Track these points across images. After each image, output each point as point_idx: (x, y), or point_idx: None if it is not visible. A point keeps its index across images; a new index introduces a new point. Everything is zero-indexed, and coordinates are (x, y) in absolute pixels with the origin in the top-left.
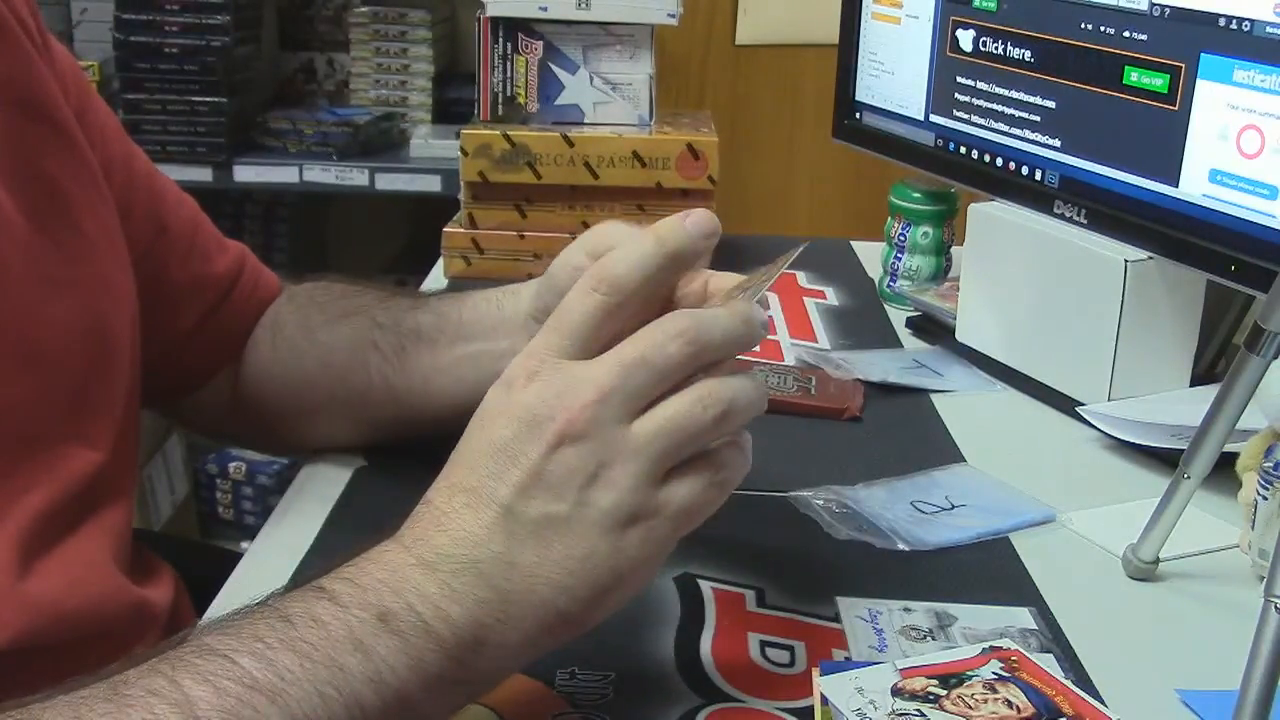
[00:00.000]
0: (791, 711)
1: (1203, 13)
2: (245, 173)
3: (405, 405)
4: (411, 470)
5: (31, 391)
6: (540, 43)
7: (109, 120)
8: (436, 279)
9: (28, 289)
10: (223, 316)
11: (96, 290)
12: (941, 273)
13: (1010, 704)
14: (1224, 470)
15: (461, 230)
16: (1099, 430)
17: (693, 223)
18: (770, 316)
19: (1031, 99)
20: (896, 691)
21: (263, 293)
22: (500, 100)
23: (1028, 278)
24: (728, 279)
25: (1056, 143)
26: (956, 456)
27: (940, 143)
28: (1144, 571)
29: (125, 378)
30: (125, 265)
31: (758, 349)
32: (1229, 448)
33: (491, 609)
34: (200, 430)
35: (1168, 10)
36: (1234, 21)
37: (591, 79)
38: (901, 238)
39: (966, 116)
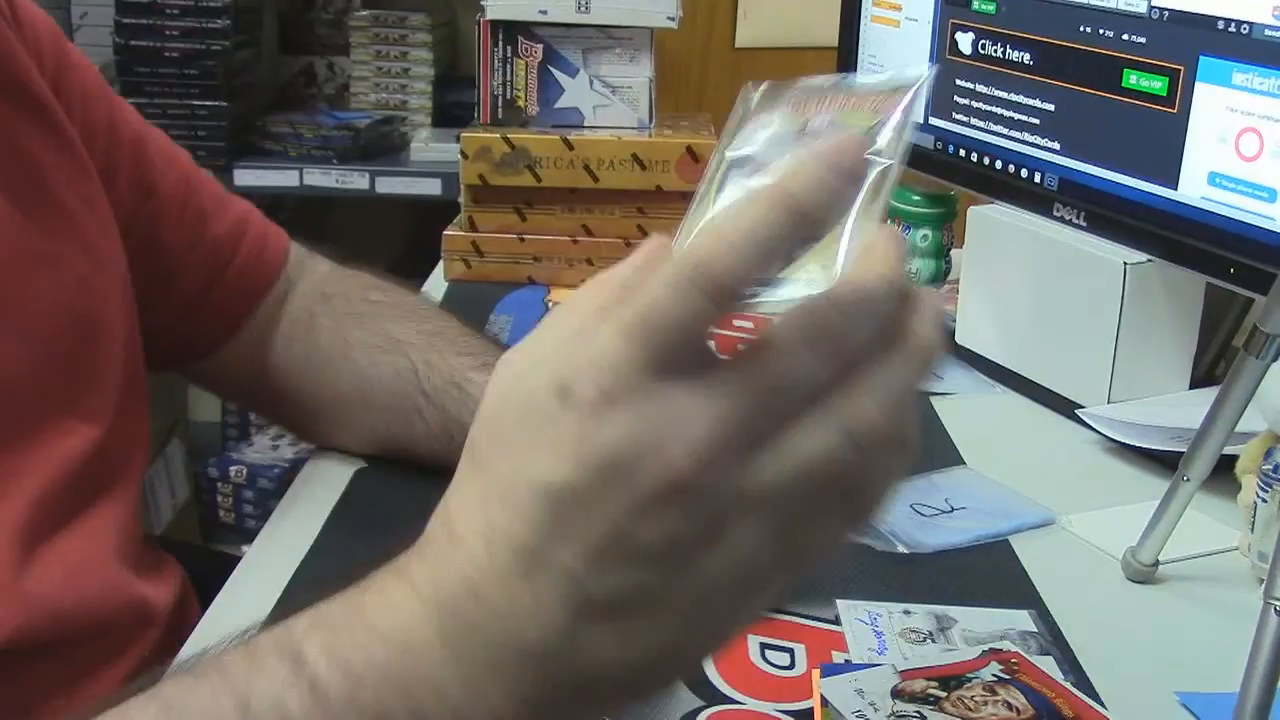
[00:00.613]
0: (791, 713)
1: (1201, 15)
2: (245, 176)
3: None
4: (412, 471)
5: (23, 367)
6: (540, 46)
7: (89, 80)
8: (436, 282)
9: (10, 264)
10: (228, 281)
11: (80, 263)
12: (941, 275)
13: (1010, 706)
14: (1223, 473)
15: (461, 233)
16: (1098, 433)
17: (834, 169)
18: None
19: (1030, 102)
20: (896, 694)
21: (271, 254)
22: (500, 103)
23: (1027, 280)
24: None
25: (1056, 145)
26: (956, 459)
27: (939, 145)
28: (1144, 574)
29: (119, 348)
30: (112, 235)
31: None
32: (1228, 450)
33: (544, 717)
34: (221, 394)
35: (1166, 13)
36: (1233, 24)
37: (591, 82)
38: None
39: (966, 119)
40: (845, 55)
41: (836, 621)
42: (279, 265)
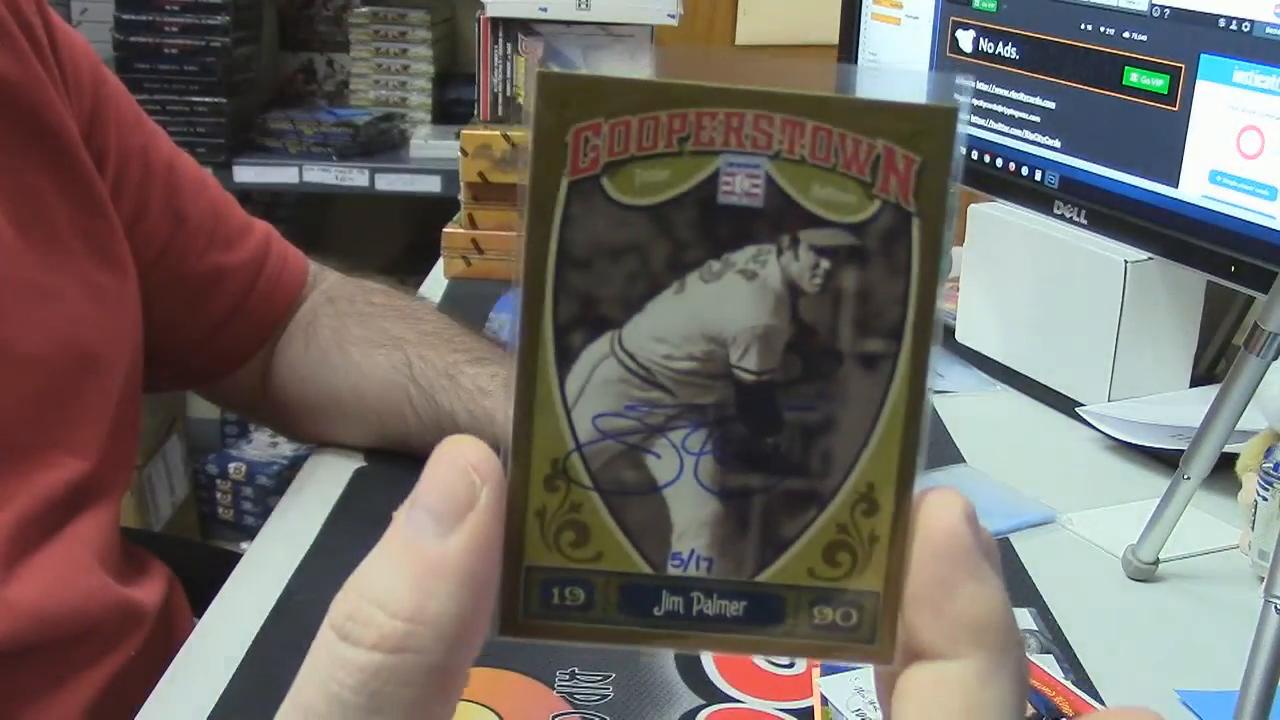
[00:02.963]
0: (791, 712)
1: (1203, 13)
2: (245, 173)
3: None
4: (411, 470)
5: (13, 398)
6: (540, 43)
7: (124, 108)
8: (436, 279)
9: (9, 296)
10: (250, 305)
11: (80, 299)
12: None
13: None
14: (1224, 471)
15: (461, 230)
16: (1099, 431)
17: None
18: None
19: (1031, 99)
20: None
21: (290, 277)
22: (500, 100)
23: (1028, 278)
24: None
25: (1056, 143)
26: (956, 457)
27: None
28: (1144, 572)
29: (116, 386)
30: (121, 272)
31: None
32: (1229, 448)
33: None
34: (236, 410)
35: (1167, 11)
36: (1234, 22)
37: None
38: None
39: (966, 117)
40: (845, 53)
41: None
42: (298, 289)
